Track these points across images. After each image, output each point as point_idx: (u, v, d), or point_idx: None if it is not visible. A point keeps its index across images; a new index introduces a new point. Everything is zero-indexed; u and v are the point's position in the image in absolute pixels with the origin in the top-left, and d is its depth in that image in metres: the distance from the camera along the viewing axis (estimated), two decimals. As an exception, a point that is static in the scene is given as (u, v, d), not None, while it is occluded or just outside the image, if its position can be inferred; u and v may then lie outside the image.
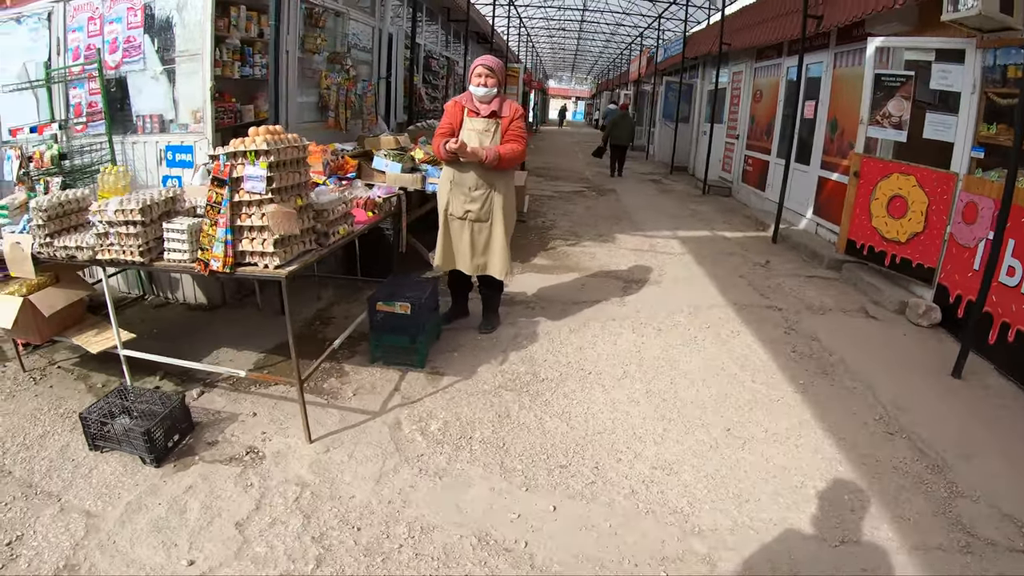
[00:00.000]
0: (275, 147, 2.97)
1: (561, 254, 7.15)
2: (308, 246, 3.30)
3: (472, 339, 4.70)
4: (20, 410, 3.68)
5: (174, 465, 3.08)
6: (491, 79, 4.16)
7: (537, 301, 5.53)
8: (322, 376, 4.13)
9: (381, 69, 8.64)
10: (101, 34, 5.14)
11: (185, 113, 5.10)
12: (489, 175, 4.29)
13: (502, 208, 4.37)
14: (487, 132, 4.24)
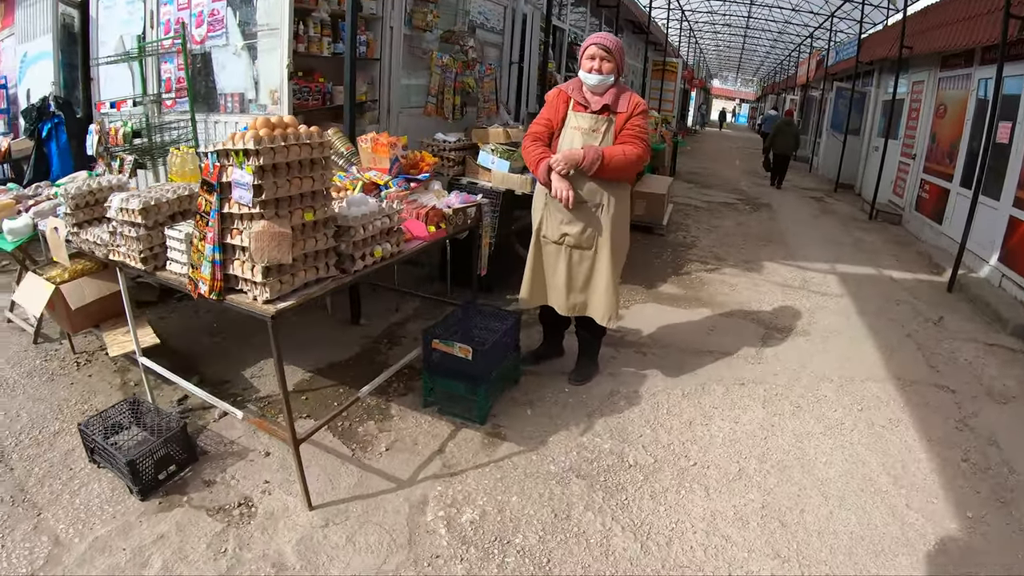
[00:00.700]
0: (266, 147, 2.17)
1: (696, 282, 5.93)
2: (322, 272, 2.49)
3: (557, 390, 3.75)
4: (50, 398, 3.64)
5: (159, 502, 2.73)
6: (607, 63, 3.20)
7: (652, 344, 4.44)
8: (362, 416, 3.45)
9: (513, 53, 7.80)
10: (189, 7, 4.72)
11: (264, 92, 4.54)
12: (597, 188, 3.31)
13: (611, 233, 3.37)
14: (595, 132, 3.27)
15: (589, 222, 3.36)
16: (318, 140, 2.36)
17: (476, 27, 6.70)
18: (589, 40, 3.25)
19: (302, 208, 2.37)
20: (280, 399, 3.45)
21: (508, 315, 3.65)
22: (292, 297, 2.39)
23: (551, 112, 3.40)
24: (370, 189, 3.43)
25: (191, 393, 3.34)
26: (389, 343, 4.31)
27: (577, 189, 3.28)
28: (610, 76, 3.22)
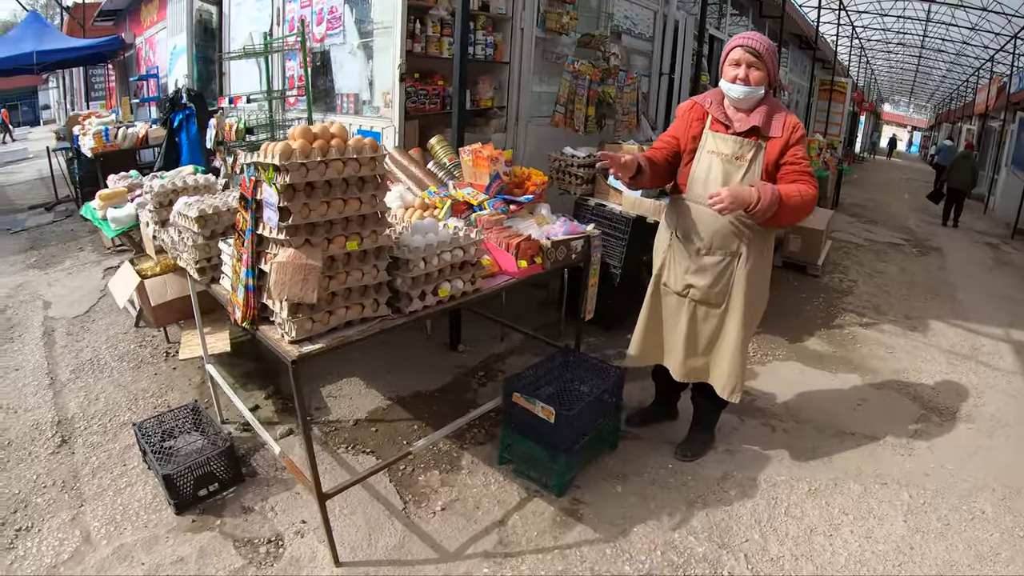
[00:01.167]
0: (295, 162, 1.73)
1: (848, 338, 4.90)
2: (368, 311, 2.04)
3: (659, 463, 3.06)
4: (131, 385, 3.70)
5: (193, 520, 2.60)
6: (755, 71, 2.50)
7: (785, 416, 3.61)
8: (428, 462, 3.01)
9: (663, 63, 7.11)
10: (310, 4, 4.56)
11: (378, 94, 4.24)
12: (734, 233, 2.64)
13: (746, 290, 2.69)
14: (739, 160, 2.58)
15: (721, 275, 2.71)
16: (369, 155, 1.90)
17: (621, 32, 6.09)
18: (733, 41, 2.55)
19: (345, 235, 1.93)
20: (349, 426, 3.33)
21: (612, 370, 3.03)
22: (323, 339, 1.96)
23: (681, 129, 2.75)
24: (461, 209, 2.96)
25: (242, 414, 3.08)
26: (484, 377, 3.84)
27: (718, 231, 2.64)
28: (759, 87, 2.52)
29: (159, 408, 3.44)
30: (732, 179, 2.57)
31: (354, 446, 3.12)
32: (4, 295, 5.10)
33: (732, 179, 2.57)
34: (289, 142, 1.79)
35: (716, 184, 2.56)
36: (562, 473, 2.72)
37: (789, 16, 11.99)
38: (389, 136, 4.16)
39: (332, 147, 1.85)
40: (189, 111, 5.45)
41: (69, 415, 3.39)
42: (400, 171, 3.40)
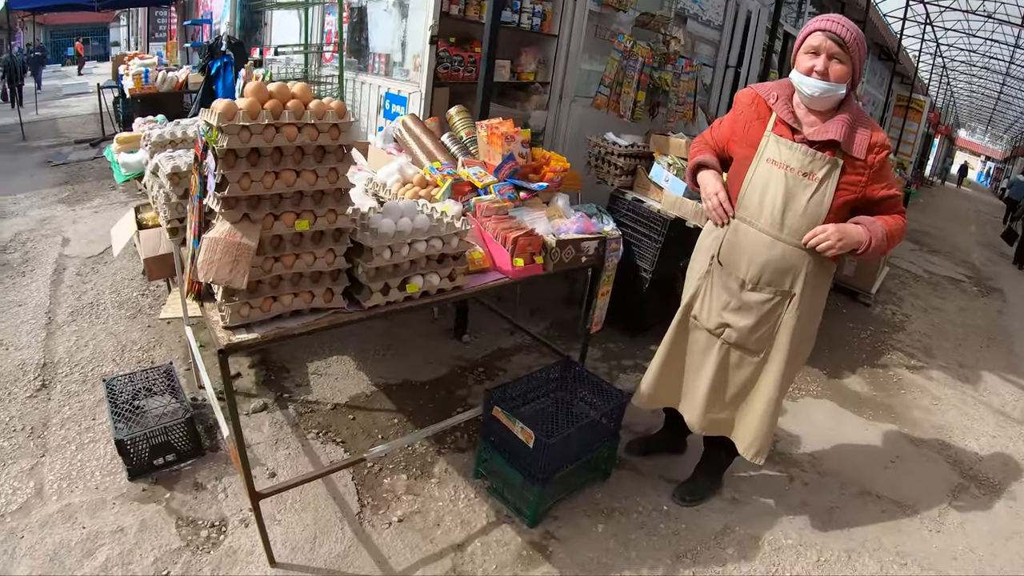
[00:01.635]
0: (235, 124, 1.48)
1: (892, 381, 4.41)
2: (318, 302, 1.79)
3: (653, 504, 2.72)
4: (122, 336, 3.61)
5: (143, 489, 2.50)
6: (837, 63, 1.99)
7: (807, 463, 3.22)
8: (398, 463, 2.78)
9: (731, 55, 6.61)
10: (351, -44, 4.28)
11: (409, 56, 3.97)
12: (789, 266, 2.17)
13: (793, 337, 2.24)
14: (807, 179, 2.08)
15: (767, 317, 2.24)
16: (331, 121, 1.62)
17: (687, 17, 5.63)
18: (812, 23, 2.04)
19: (296, 212, 1.67)
20: (327, 410, 3.12)
21: (614, 392, 2.70)
22: (261, 328, 1.72)
23: (738, 124, 2.26)
24: (463, 191, 2.67)
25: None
26: (483, 374, 3.56)
27: (770, 260, 2.16)
28: (840, 85, 2.00)
29: (143, 363, 3.34)
30: (796, 200, 2.08)
31: (326, 433, 2.91)
32: (28, 228, 5.09)
33: (796, 200, 2.08)
34: (236, 101, 1.54)
35: (775, 203, 2.11)
36: (536, 503, 2.43)
37: (872, 23, 11.16)
38: (415, 102, 3.91)
39: (287, 110, 1.58)
40: (227, 59, 5.29)
41: (55, 359, 3.33)
42: (412, 141, 3.13)
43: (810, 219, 2.07)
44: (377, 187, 2.68)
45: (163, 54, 7.15)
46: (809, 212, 2.07)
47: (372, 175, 2.80)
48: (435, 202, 2.52)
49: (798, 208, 2.08)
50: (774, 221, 2.12)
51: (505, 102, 4.83)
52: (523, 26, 4.31)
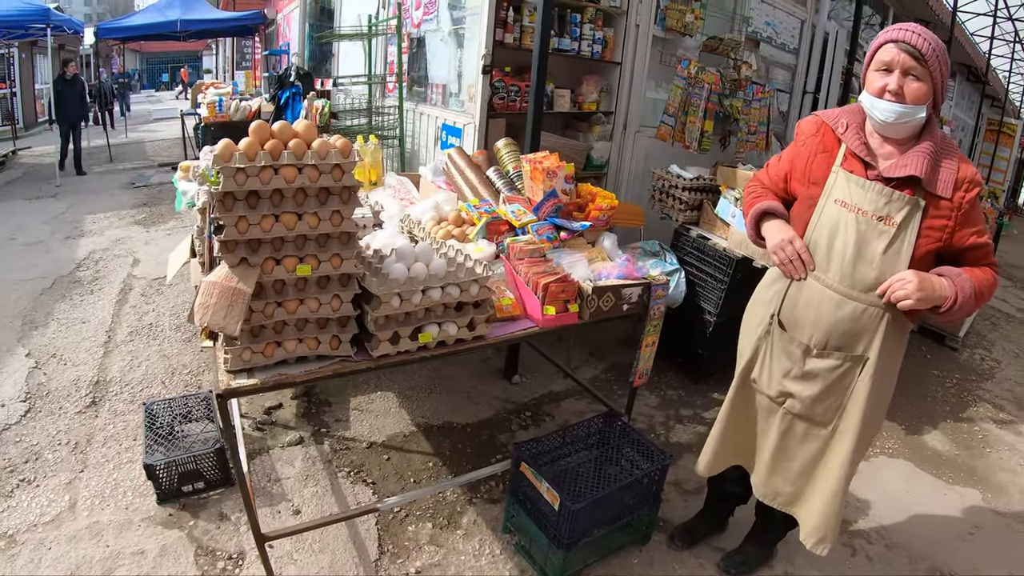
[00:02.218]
0: (230, 166, 1.42)
1: (976, 438, 3.91)
2: (324, 348, 1.70)
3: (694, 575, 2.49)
4: (174, 359, 3.68)
5: (170, 514, 2.52)
6: (915, 83, 1.68)
7: (873, 534, 2.86)
8: (426, 510, 2.65)
9: (808, 80, 6.28)
10: (410, -12, 4.30)
11: (464, 86, 3.92)
12: (862, 327, 1.84)
13: (866, 408, 1.89)
14: (883, 224, 1.75)
15: (835, 385, 1.91)
16: (333, 162, 1.53)
17: (760, 40, 5.37)
18: (884, 34, 1.73)
19: (298, 257, 1.59)
20: (362, 448, 3.04)
21: (658, 454, 2.48)
22: (260, 375, 1.64)
23: (799, 158, 1.93)
24: (500, 230, 2.54)
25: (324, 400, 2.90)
26: (530, 419, 3.40)
27: (838, 320, 1.84)
28: (919, 108, 1.68)
29: (190, 387, 3.40)
30: (870, 249, 1.76)
31: (357, 472, 2.84)
32: (103, 247, 5.34)
33: (870, 249, 1.76)
34: (231, 142, 1.47)
35: (845, 254, 1.79)
36: (561, 569, 2.23)
37: (958, 42, 10.41)
38: (470, 134, 3.84)
39: (287, 150, 1.50)
40: (296, 89, 5.44)
41: (108, 377, 3.45)
42: (457, 175, 3.05)
43: (887, 273, 1.75)
44: (412, 224, 2.60)
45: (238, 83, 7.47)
46: (885, 264, 1.74)
47: (409, 212, 2.72)
48: (468, 242, 2.41)
49: (872, 259, 1.75)
50: (844, 275, 1.80)
51: (569, 133, 4.72)
52: (583, 53, 4.18)
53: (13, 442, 2.89)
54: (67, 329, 3.95)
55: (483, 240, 2.42)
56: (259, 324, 1.62)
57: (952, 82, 12.62)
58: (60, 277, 4.80)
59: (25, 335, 3.88)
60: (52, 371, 3.48)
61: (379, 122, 4.71)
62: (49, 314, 4.17)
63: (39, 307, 4.27)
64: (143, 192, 7.44)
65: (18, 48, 13.02)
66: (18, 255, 5.28)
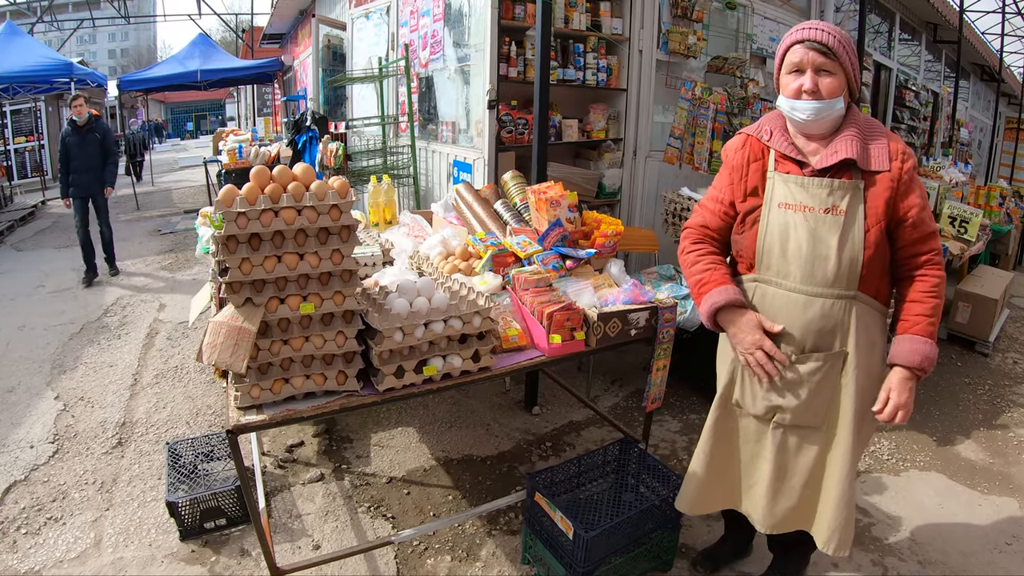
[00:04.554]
0: (230, 211, 1.49)
1: (1011, 444, 3.73)
2: (331, 383, 1.74)
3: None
4: (198, 400, 3.77)
5: (192, 551, 2.55)
6: (828, 77, 1.71)
7: (906, 550, 2.77)
8: (445, 542, 2.64)
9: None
10: (417, 28, 4.45)
11: (472, 122, 4.01)
12: (834, 323, 1.80)
13: (856, 402, 1.84)
14: (830, 215, 1.75)
15: (821, 387, 1.84)
16: (330, 202, 1.59)
17: (766, 57, 5.40)
18: (787, 37, 1.77)
19: (301, 295, 1.63)
20: (382, 483, 3.05)
21: (674, 478, 2.46)
22: (269, 411, 1.68)
23: (734, 174, 1.92)
24: (507, 262, 2.58)
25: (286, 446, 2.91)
26: (550, 449, 3.38)
27: (800, 326, 1.81)
28: (835, 100, 1.71)
29: (214, 427, 3.46)
30: (824, 243, 1.74)
31: (377, 507, 2.84)
32: (130, 293, 5.49)
33: (824, 243, 1.74)
34: (234, 187, 1.54)
35: (801, 253, 1.76)
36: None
37: (968, 42, 10.34)
38: (480, 168, 3.91)
39: (286, 193, 1.56)
40: (312, 133, 5.58)
41: (134, 419, 3.54)
42: (466, 210, 3.10)
43: (848, 261, 1.73)
44: (421, 260, 2.65)
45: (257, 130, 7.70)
46: (845, 253, 1.73)
47: (418, 247, 2.77)
48: (475, 275, 2.44)
49: (829, 251, 1.73)
50: (804, 274, 1.77)
51: (579, 162, 4.77)
52: (588, 82, 4.25)
53: (41, 482, 2.98)
54: (95, 372, 4.07)
55: (489, 272, 2.45)
56: (266, 361, 1.67)
57: (966, 83, 12.46)
58: (88, 323, 4.95)
59: (54, 379, 4.01)
60: (80, 413, 3.58)
61: (393, 161, 4.81)
62: (78, 358, 4.30)
63: (68, 352, 4.41)
64: (169, 239, 7.66)
65: (44, 102, 13.51)
66: (47, 302, 5.47)
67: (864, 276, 1.75)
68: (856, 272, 1.74)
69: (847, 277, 1.74)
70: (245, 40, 13.70)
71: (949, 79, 11.20)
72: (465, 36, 3.89)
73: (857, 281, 1.75)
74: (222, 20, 17.15)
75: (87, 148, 5.92)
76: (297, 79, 10.51)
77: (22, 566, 2.45)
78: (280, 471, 3.07)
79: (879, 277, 1.80)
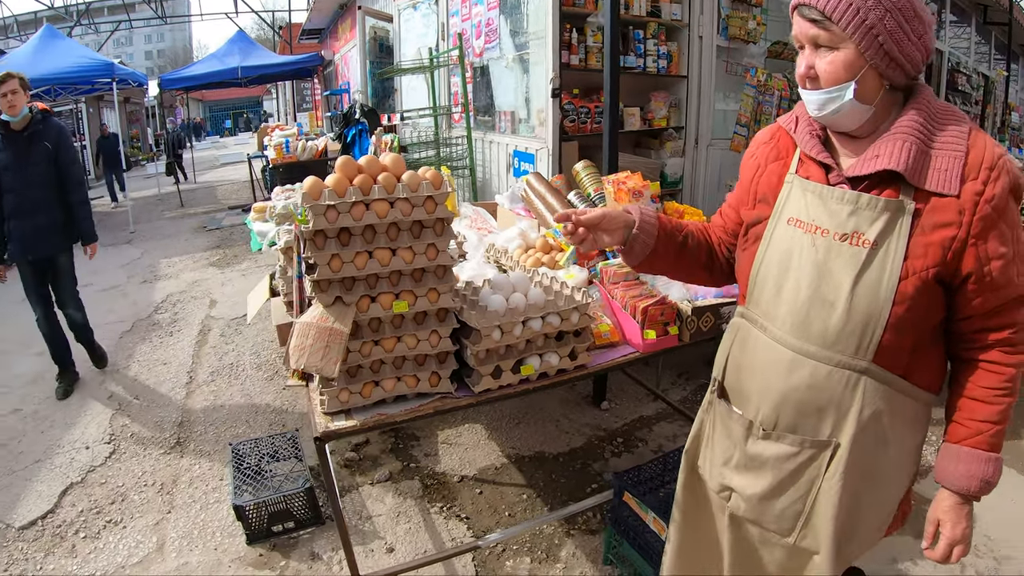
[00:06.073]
0: (319, 204, 1.39)
1: None
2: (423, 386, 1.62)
3: None
4: (256, 398, 3.66)
5: (260, 555, 2.46)
6: (827, 54, 1.13)
7: (980, 547, 2.45)
8: (523, 544, 2.51)
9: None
10: (470, 17, 4.33)
11: (533, 112, 3.87)
12: (830, 392, 1.22)
13: (837, 516, 1.26)
14: (851, 244, 1.17)
15: (789, 482, 1.31)
16: (423, 195, 1.46)
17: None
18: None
19: (393, 292, 1.51)
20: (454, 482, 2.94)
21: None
22: (359, 415, 1.57)
23: (748, 172, 1.41)
24: (590, 255, 2.43)
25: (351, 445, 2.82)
26: (622, 445, 3.23)
27: (777, 393, 1.28)
28: (841, 88, 1.13)
29: (274, 426, 3.37)
30: (831, 282, 1.19)
31: (450, 507, 2.74)
32: (180, 290, 5.47)
33: (831, 282, 1.19)
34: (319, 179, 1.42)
35: (798, 292, 1.23)
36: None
37: (1019, 24, 9.88)
38: (543, 159, 3.77)
39: (377, 184, 1.44)
40: (362, 126, 5.50)
41: (192, 418, 3.47)
42: (537, 200, 2.96)
43: (862, 317, 1.17)
44: (499, 253, 2.52)
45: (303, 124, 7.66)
46: (859, 304, 1.17)
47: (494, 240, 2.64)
48: (558, 269, 2.30)
49: (836, 299, 1.19)
50: (796, 323, 1.24)
51: (640, 151, 4.61)
52: (649, 69, 4.08)
53: (99, 484, 2.92)
54: (148, 371, 4.02)
55: (574, 266, 2.32)
56: (356, 364, 1.56)
57: (1016, 66, 11.88)
58: (139, 320, 4.93)
59: (107, 378, 3.97)
60: (135, 413, 3.53)
61: (447, 153, 4.70)
62: (130, 356, 4.26)
63: (120, 350, 4.37)
64: (216, 235, 7.67)
65: (85, 103, 13.67)
66: (96, 300, 5.45)
67: (887, 344, 1.17)
68: (874, 336, 1.17)
69: (858, 340, 1.18)
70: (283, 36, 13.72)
71: (997, 62, 10.76)
72: (524, 23, 3.75)
73: (874, 349, 1.17)
74: (259, 17, 17.27)
75: (31, 169, 3.48)
76: (339, 73, 10.46)
77: (82, 572, 2.38)
78: (346, 471, 2.98)
79: (915, 349, 1.20)
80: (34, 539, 2.57)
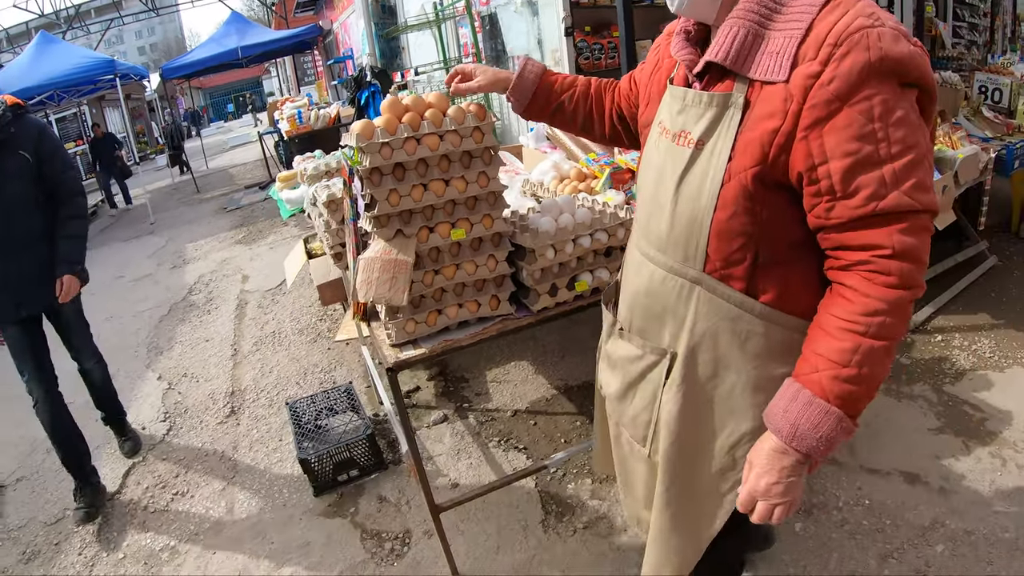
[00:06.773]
0: (373, 142, 1.43)
1: None
2: (484, 310, 1.68)
3: (854, 499, 2.24)
4: (304, 359, 3.73)
5: (329, 504, 2.54)
6: None
7: (1020, 443, 2.59)
8: (583, 467, 2.57)
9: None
10: (473, -33, 4.26)
11: (547, 52, 3.85)
12: (665, 298, 1.16)
13: (674, 435, 1.20)
14: (676, 146, 1.10)
15: (635, 387, 1.29)
16: (470, 126, 1.51)
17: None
18: None
19: (450, 222, 1.56)
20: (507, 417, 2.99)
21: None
22: (426, 344, 1.64)
23: (649, 73, 1.27)
24: (624, 179, 2.46)
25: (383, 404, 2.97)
26: (671, 368, 3.31)
27: (630, 291, 1.28)
28: None
29: (325, 384, 3.44)
30: (666, 186, 1.12)
31: (507, 440, 2.81)
32: (210, 270, 5.55)
33: (666, 186, 1.12)
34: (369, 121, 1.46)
35: (644, 196, 1.23)
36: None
37: None
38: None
39: (425, 120, 1.49)
40: (374, 88, 5.48)
41: (242, 386, 3.55)
42: (565, 137, 2.99)
43: (685, 221, 1.09)
44: (534, 187, 2.55)
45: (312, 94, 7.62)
46: (682, 208, 1.09)
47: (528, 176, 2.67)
48: (596, 194, 2.34)
49: (666, 200, 1.12)
50: (642, 225, 1.23)
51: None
52: (658, 1, 4.03)
53: (160, 459, 2.99)
54: (192, 349, 4.11)
55: (611, 190, 2.35)
56: (419, 294, 1.61)
57: None
58: (175, 303, 5.02)
59: (152, 360, 4.06)
60: (186, 389, 3.61)
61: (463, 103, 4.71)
62: (172, 338, 4.36)
63: (161, 334, 4.47)
64: (237, 214, 7.74)
65: (87, 104, 13.62)
66: (129, 290, 5.56)
67: (715, 254, 1.07)
68: (699, 243, 1.07)
69: (683, 246, 1.10)
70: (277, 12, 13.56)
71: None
72: (532, -39, 3.72)
73: (702, 257, 1.08)
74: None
75: (5, 192, 2.47)
76: (339, 41, 10.36)
77: (156, 544, 2.45)
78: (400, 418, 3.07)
79: (764, 264, 1.06)
80: (104, 520, 2.64)
